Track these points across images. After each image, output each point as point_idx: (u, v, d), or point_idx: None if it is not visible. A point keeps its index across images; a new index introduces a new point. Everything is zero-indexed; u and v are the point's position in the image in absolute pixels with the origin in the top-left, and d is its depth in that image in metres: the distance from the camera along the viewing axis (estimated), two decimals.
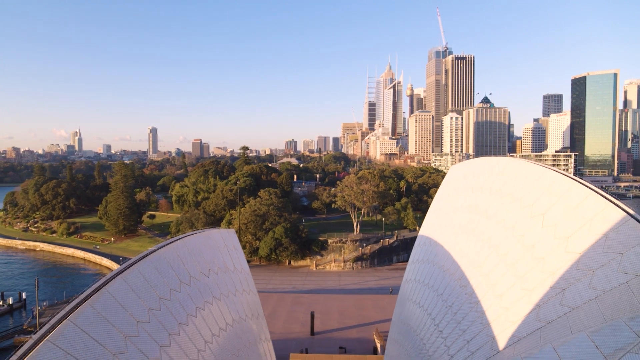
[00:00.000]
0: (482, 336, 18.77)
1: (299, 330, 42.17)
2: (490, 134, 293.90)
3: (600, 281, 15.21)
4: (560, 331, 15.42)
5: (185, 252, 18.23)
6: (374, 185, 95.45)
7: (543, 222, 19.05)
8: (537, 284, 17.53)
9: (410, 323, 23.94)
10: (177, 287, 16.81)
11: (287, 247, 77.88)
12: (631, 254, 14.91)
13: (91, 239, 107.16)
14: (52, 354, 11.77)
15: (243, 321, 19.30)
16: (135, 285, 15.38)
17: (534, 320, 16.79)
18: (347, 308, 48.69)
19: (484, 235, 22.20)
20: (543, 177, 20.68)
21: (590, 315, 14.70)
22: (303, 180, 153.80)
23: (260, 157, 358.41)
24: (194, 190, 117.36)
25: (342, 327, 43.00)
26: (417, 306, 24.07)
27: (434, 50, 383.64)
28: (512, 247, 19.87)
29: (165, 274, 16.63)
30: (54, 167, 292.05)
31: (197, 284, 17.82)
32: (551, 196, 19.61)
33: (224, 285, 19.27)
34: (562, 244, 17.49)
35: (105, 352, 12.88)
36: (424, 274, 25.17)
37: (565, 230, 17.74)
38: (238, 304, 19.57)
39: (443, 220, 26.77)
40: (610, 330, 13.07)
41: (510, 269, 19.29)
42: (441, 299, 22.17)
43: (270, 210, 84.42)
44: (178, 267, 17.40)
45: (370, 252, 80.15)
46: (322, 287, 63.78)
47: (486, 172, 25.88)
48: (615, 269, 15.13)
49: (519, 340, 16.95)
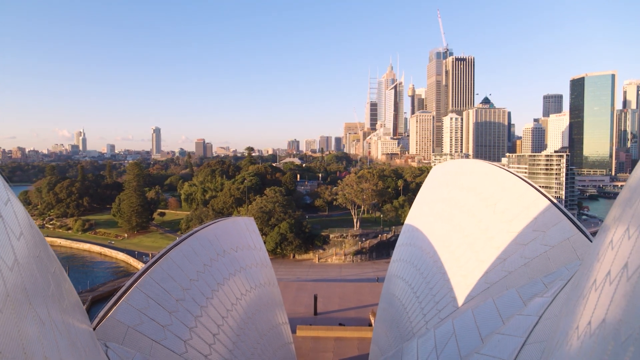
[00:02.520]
0: (447, 298, 24.27)
1: (303, 312, 47.74)
2: (489, 134, 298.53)
3: (529, 252, 20.88)
4: (500, 289, 20.90)
5: (219, 233, 23.78)
6: (373, 184, 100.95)
7: (495, 210, 24.64)
8: (487, 257, 23.05)
9: (396, 293, 29.34)
10: (215, 258, 22.33)
11: (292, 242, 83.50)
12: (551, 231, 20.60)
13: (105, 235, 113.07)
14: (138, 296, 17.56)
15: (262, 287, 24.84)
16: (187, 254, 20.98)
17: (483, 283, 22.27)
18: (347, 293, 54.23)
19: (454, 221, 27.70)
20: (498, 175, 26.31)
21: (521, 276, 20.30)
22: (306, 179, 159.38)
23: (263, 156, 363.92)
24: (202, 189, 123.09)
25: (341, 309, 48.54)
26: (401, 280, 29.43)
27: (434, 51, 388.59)
28: (472, 230, 25.41)
29: (206, 247, 22.18)
30: (61, 167, 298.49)
31: (229, 256, 23.29)
32: (502, 190, 25.23)
33: (247, 259, 24.83)
34: (506, 226, 23.07)
35: (170, 298, 18.60)
36: (407, 254, 30.59)
37: (509, 216, 23.33)
38: (258, 274, 25.11)
39: (424, 210, 32.23)
40: (530, 285, 19.04)
41: (470, 246, 24.81)
42: (419, 272, 27.57)
43: (276, 207, 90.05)
44: (215, 243, 22.93)
45: (369, 247, 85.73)
46: (324, 277, 69.36)
47: (459, 171, 31.51)
48: (540, 242, 20.86)
49: (472, 298, 22.44)
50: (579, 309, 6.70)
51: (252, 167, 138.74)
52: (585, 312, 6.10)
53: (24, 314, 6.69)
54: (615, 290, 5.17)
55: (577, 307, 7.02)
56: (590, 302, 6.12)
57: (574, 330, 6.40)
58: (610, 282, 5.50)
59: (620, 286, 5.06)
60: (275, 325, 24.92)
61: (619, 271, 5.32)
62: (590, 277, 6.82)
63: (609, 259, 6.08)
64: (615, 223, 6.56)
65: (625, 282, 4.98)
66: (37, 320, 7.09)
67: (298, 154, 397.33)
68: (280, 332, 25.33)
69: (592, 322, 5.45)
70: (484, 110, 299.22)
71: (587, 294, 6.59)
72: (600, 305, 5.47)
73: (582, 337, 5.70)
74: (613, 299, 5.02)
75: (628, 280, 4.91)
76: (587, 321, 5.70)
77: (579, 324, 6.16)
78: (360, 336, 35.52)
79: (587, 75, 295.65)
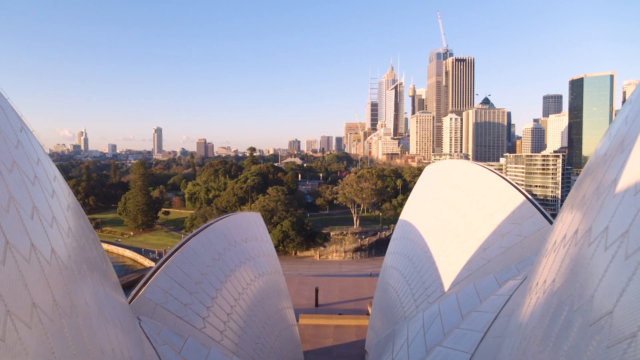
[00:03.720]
0: (435, 285, 26.96)
1: (305, 303, 50.46)
2: (489, 134, 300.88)
3: (506, 242, 23.63)
4: (481, 275, 23.56)
5: (231, 225, 26.52)
6: (372, 184, 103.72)
7: (478, 205, 27.35)
8: (470, 247, 25.74)
9: (390, 282, 32.02)
10: (227, 247, 25.07)
11: (294, 239, 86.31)
12: (525, 224, 23.37)
13: (112, 233, 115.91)
14: (163, 278, 20.30)
15: (268, 274, 27.58)
16: (203, 243, 23.73)
17: (466, 270, 24.94)
18: (346, 287, 56.94)
19: (442, 216, 30.41)
20: (481, 174, 29.04)
21: (498, 263, 23.02)
22: (307, 179, 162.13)
23: (264, 156, 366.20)
24: (206, 189, 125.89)
25: (341, 301, 51.25)
26: (395, 270, 32.10)
27: (434, 52, 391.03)
28: (458, 224, 28.12)
29: (220, 238, 24.92)
30: (64, 167, 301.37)
31: (239, 246, 26.01)
32: (485, 188, 27.95)
33: (256, 249, 27.58)
34: (488, 219, 25.77)
35: (190, 281, 21.36)
36: (401, 246, 33.28)
37: (490, 210, 26.04)
38: (265, 263, 27.85)
39: (417, 207, 34.95)
40: (505, 271, 21.77)
41: (456, 238, 27.51)
42: (411, 263, 30.24)
43: (278, 205, 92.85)
44: (227, 234, 25.66)
45: (368, 244, 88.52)
46: (325, 273, 72.13)
47: (448, 171, 34.29)
48: (516, 233, 23.63)
49: (457, 284, 25.12)
50: (534, 273, 8.76)
51: (255, 167, 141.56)
52: (539, 275, 7.79)
53: (88, 279, 8.21)
54: (557, 255, 6.65)
55: (533, 272, 9.22)
56: (542, 267, 7.75)
57: (531, 290, 8.33)
58: (555, 250, 7.07)
59: (560, 252, 6.51)
60: (280, 309, 27.66)
61: (561, 240, 6.80)
62: (543, 247, 9.00)
63: (557, 230, 8.11)
64: (567, 203, 8.48)
65: (562, 249, 6.49)
66: (97, 289, 8.76)
67: (299, 154, 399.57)
68: (285, 316, 28.07)
69: (546, 281, 6.74)
70: (483, 110, 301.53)
71: (541, 259, 8.60)
72: (550, 269, 6.81)
73: (536, 295, 7.17)
74: (561, 263, 6.16)
75: (564, 246, 6.41)
76: (541, 281, 7.19)
77: (533, 284, 8.19)
78: (358, 324, 38.24)
79: (586, 75, 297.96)
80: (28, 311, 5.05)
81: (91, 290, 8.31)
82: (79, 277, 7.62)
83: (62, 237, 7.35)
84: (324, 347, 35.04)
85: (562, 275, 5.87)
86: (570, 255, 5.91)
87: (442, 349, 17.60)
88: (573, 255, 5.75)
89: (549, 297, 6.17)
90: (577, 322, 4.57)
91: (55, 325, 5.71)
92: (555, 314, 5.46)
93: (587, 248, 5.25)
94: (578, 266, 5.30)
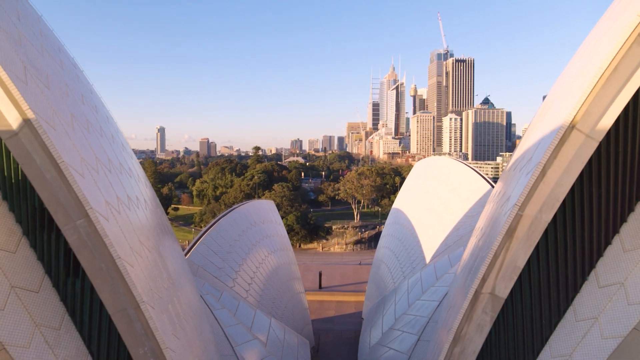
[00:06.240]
0: (419, 259, 32.53)
1: (309, 285, 56.07)
2: (488, 134, 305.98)
3: (474, 221, 29.17)
4: (455, 249, 29.03)
5: (250, 210, 32.22)
6: (372, 181, 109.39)
7: (455, 194, 32.98)
8: (448, 226, 31.30)
9: (383, 259, 37.65)
10: (248, 227, 30.74)
11: (298, 232, 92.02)
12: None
13: None
14: (202, 247, 26.00)
15: (281, 251, 33.27)
16: (230, 222, 29.39)
17: (444, 245, 30.46)
18: (347, 273, 62.62)
19: (428, 203, 36.05)
20: (459, 169, 34.69)
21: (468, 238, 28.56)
22: (310, 177, 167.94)
23: (267, 155, 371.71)
24: (213, 186, 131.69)
25: (342, 284, 56.95)
26: (387, 249, 37.69)
27: (435, 52, 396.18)
28: (440, 208, 33.72)
29: (242, 219, 30.60)
30: None
31: (258, 227, 31.66)
32: (462, 179, 33.56)
33: (270, 229, 33.26)
34: (463, 204, 31.35)
35: (222, 250, 27.02)
36: (392, 230, 38.91)
37: (466, 196, 31.63)
38: (278, 241, 33.53)
39: (406, 196, 40.66)
40: (476, 241, 27.42)
41: (438, 220, 33.10)
42: (400, 242, 35.84)
43: (283, 201, 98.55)
44: (248, 216, 31.35)
45: (368, 237, 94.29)
46: (327, 262, 77.85)
47: (434, 166, 39.99)
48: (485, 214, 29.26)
49: (436, 256, 30.65)
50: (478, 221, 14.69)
51: (260, 165, 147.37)
52: (479, 222, 14.17)
53: (168, 242, 14.03)
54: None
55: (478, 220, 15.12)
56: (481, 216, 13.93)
57: (473, 234, 14.20)
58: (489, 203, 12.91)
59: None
60: (290, 279, 33.35)
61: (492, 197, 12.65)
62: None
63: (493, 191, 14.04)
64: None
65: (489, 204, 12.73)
66: (174, 245, 14.68)
67: (301, 153, 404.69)
68: (294, 285, 33.74)
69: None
70: (483, 110, 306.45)
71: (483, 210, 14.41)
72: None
73: (475, 238, 13.48)
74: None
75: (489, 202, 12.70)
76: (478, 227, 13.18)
77: (475, 231, 14.08)
78: (357, 300, 43.95)
79: None
80: (139, 247, 10.43)
81: (170, 244, 14.01)
82: (161, 233, 13.35)
83: (148, 203, 12.87)
84: (327, 317, 40.82)
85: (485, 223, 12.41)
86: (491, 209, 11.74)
87: (419, 302, 23.48)
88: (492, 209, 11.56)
89: (476, 242, 12.03)
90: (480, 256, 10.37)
91: (153, 258, 10.80)
92: (472, 253, 11.28)
93: (499, 208, 11.03)
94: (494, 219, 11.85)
